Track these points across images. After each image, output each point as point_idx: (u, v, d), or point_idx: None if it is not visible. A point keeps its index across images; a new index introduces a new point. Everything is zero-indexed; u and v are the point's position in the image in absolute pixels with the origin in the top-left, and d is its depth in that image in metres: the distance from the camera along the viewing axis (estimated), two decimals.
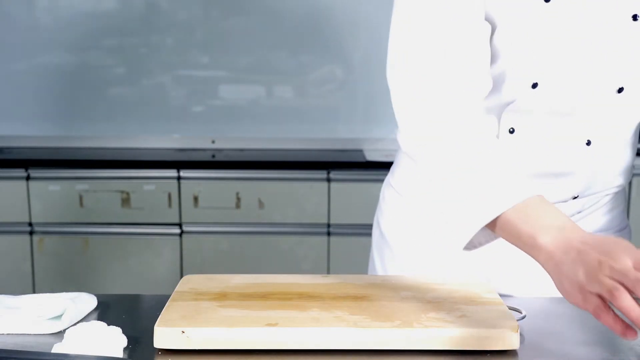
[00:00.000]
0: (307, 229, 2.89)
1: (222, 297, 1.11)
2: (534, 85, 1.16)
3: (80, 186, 2.87)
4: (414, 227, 1.35)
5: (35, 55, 3.13)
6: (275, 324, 1.00)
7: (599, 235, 0.95)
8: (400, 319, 1.02)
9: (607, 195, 1.31)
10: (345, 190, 2.87)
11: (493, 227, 1.01)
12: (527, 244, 0.96)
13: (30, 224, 2.90)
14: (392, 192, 1.40)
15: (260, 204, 2.88)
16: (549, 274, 0.94)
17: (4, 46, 3.10)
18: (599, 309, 0.87)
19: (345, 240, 2.88)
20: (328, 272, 2.86)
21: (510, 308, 1.10)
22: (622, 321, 0.87)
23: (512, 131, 1.20)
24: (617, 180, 1.29)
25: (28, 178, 2.87)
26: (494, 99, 1.18)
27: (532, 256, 0.97)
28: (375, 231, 1.46)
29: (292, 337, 0.99)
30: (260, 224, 2.90)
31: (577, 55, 1.15)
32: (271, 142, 3.12)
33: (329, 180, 2.87)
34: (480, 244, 1.07)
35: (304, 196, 2.88)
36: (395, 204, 1.38)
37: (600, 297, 0.87)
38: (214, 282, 1.17)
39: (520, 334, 1.01)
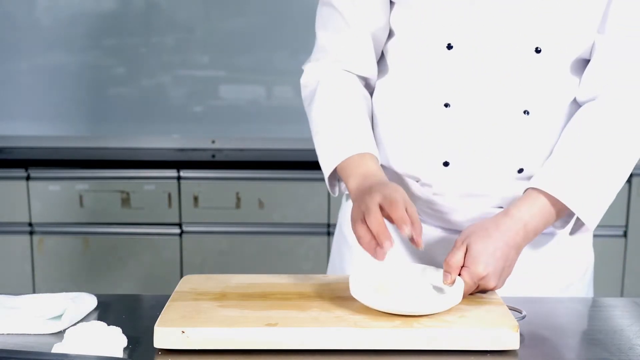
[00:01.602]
0: (307, 229, 2.90)
1: (222, 297, 1.11)
2: (449, 47, 1.21)
3: (80, 186, 2.87)
4: None
5: (36, 55, 3.13)
6: (275, 324, 1.00)
7: (388, 182, 1.18)
8: (400, 319, 1.02)
9: None
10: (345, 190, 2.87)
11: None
12: (347, 187, 1.24)
13: (30, 224, 2.90)
14: None
15: (260, 204, 2.88)
16: None
17: (4, 46, 3.10)
18: (358, 223, 1.13)
19: None
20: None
21: (510, 308, 1.10)
22: (374, 239, 1.10)
23: (447, 105, 1.23)
24: None
25: (28, 178, 2.87)
26: (419, 65, 1.25)
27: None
28: (337, 231, 1.48)
29: (292, 337, 0.99)
30: (260, 224, 2.90)
31: (488, 14, 1.18)
32: (271, 142, 3.12)
33: None
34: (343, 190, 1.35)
35: (304, 196, 2.88)
36: None
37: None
38: (214, 282, 1.17)
39: (520, 334, 1.01)
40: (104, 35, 3.12)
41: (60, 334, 1.06)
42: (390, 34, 1.31)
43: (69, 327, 1.05)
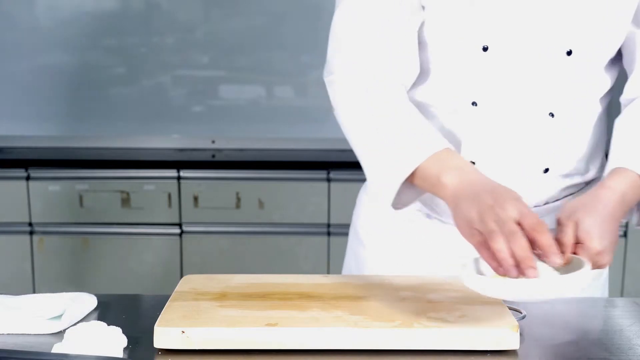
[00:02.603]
0: (307, 229, 2.89)
1: (222, 297, 1.11)
2: (485, 49, 1.20)
3: (80, 186, 2.87)
4: (390, 229, 1.36)
5: (35, 55, 3.13)
6: (275, 324, 1.00)
7: (495, 181, 1.07)
8: (400, 319, 1.02)
9: (581, 188, 1.31)
10: (345, 190, 2.86)
11: (412, 178, 1.12)
12: (434, 185, 1.10)
13: (30, 224, 2.90)
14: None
15: (260, 204, 2.88)
16: (449, 208, 1.07)
17: (4, 46, 3.10)
18: (480, 245, 1.01)
19: (345, 241, 2.86)
20: (328, 272, 2.86)
21: (510, 308, 1.10)
22: (513, 258, 0.97)
23: (474, 104, 1.23)
24: (589, 164, 1.29)
25: (28, 178, 2.87)
26: (451, 68, 1.24)
27: (438, 194, 1.10)
28: (351, 232, 1.47)
29: (292, 337, 0.99)
30: (260, 224, 2.90)
31: (523, 16, 1.18)
32: (271, 142, 3.11)
33: (329, 180, 2.87)
34: (407, 203, 1.18)
35: (304, 196, 2.88)
36: (372, 206, 1.39)
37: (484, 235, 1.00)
38: (214, 282, 1.17)
39: (520, 334, 1.01)
40: (104, 35, 3.12)
41: (60, 334, 1.06)
42: (422, 45, 1.26)
43: (69, 327, 1.05)
